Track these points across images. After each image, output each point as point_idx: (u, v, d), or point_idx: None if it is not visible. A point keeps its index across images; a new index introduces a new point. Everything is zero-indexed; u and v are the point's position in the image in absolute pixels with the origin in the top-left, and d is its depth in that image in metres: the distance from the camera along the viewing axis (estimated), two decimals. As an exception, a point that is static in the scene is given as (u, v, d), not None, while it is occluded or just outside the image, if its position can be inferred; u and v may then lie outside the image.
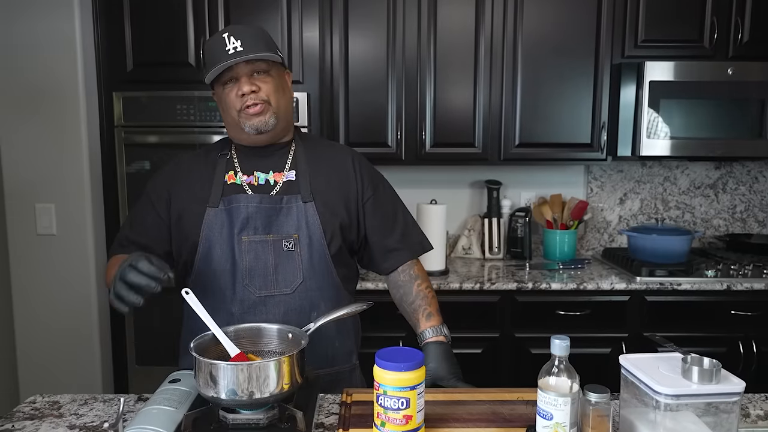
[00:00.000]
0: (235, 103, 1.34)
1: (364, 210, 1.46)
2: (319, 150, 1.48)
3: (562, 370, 0.99)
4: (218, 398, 1.03)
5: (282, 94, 1.39)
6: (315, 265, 1.37)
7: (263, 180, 1.40)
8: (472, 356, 2.42)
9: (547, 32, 2.57)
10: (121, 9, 2.46)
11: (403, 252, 1.49)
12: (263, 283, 1.35)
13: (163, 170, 1.49)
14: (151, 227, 1.42)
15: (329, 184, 1.42)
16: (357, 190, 1.45)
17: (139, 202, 1.47)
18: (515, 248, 2.85)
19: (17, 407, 1.27)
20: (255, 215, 1.35)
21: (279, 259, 1.35)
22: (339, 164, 1.46)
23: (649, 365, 1.04)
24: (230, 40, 1.30)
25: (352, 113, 2.60)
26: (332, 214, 1.39)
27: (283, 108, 1.39)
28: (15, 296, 2.51)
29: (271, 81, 1.35)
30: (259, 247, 1.35)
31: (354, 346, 1.50)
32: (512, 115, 2.62)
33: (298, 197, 1.38)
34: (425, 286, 1.47)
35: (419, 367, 1.02)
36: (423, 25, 2.56)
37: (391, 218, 1.50)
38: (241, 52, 1.30)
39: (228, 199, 1.36)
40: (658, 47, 2.58)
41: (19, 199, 2.45)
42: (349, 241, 1.45)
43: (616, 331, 2.41)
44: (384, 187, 1.52)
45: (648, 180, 2.99)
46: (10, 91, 2.41)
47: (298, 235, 1.36)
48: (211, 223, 1.36)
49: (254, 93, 1.33)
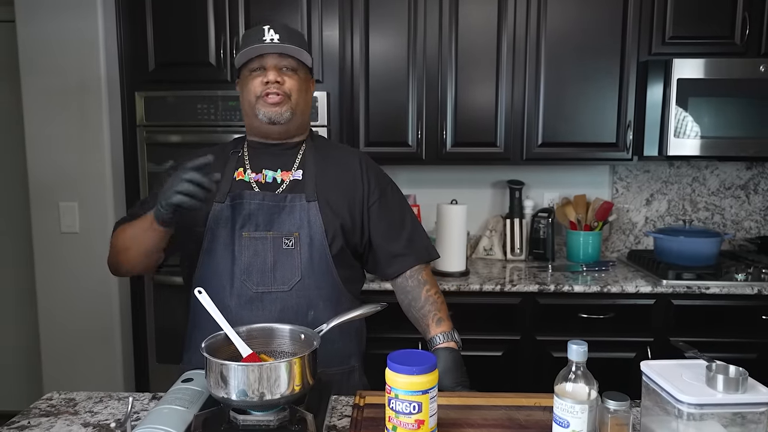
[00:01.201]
0: (256, 88, 1.38)
1: (369, 213, 1.46)
2: (328, 151, 1.50)
3: (579, 376, 0.96)
4: (229, 399, 1.02)
5: (303, 94, 1.43)
6: (315, 265, 1.38)
7: (271, 178, 1.42)
8: (492, 359, 2.38)
9: (571, 29, 2.52)
10: (144, 9, 2.48)
11: (409, 258, 1.48)
12: (261, 280, 1.36)
13: (176, 163, 1.49)
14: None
15: (335, 186, 1.44)
16: (363, 193, 1.46)
17: (152, 191, 1.52)
18: (537, 249, 2.81)
19: (34, 404, 1.28)
20: (257, 212, 1.37)
21: (278, 256, 1.37)
22: (347, 166, 1.48)
23: (671, 372, 1.00)
24: (269, 32, 1.36)
25: (372, 112, 2.59)
26: (335, 214, 1.40)
27: (301, 107, 1.43)
28: (39, 293, 2.55)
29: (297, 79, 1.40)
30: (258, 243, 1.37)
31: (356, 348, 1.49)
32: (535, 114, 2.58)
33: (302, 196, 1.39)
34: (434, 291, 1.46)
35: (432, 371, 1.00)
36: (444, 23, 2.54)
37: (397, 223, 1.49)
38: (278, 44, 1.36)
39: (234, 195, 1.39)
40: (686, 44, 2.51)
41: (44, 198, 2.49)
42: (352, 244, 1.45)
43: (640, 335, 2.35)
44: (392, 191, 1.52)
45: (676, 180, 2.92)
46: (34, 92, 2.45)
47: (299, 234, 1.37)
48: (216, 217, 1.38)
49: (278, 84, 1.37)
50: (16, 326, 3.13)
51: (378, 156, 2.09)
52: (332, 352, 1.41)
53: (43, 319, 2.56)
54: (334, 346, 1.42)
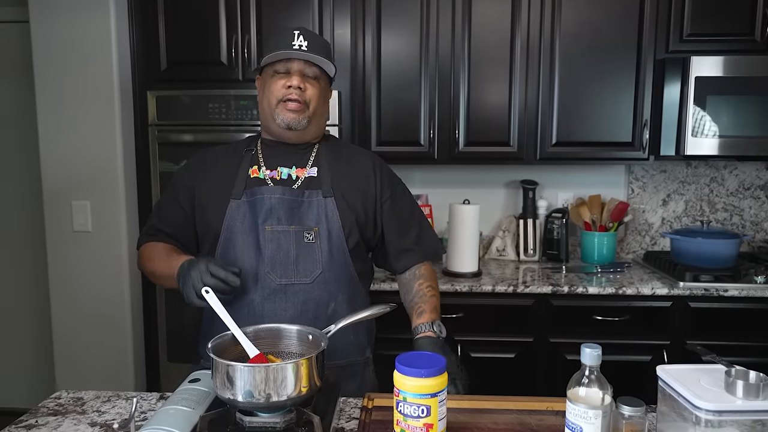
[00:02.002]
0: (278, 90, 1.41)
1: (382, 210, 1.50)
2: (341, 151, 1.54)
3: (593, 381, 0.93)
4: (235, 400, 1.01)
5: (322, 102, 1.47)
6: (334, 258, 1.41)
7: (286, 175, 1.45)
8: (505, 361, 2.35)
9: (586, 27, 2.49)
10: (156, 9, 2.48)
11: (416, 253, 1.53)
12: (284, 272, 1.38)
13: (188, 163, 1.56)
14: (176, 218, 1.49)
15: (349, 183, 1.47)
16: (376, 191, 1.50)
17: (164, 193, 1.55)
18: (551, 250, 2.77)
19: (42, 403, 1.28)
20: (278, 206, 1.39)
21: (300, 249, 1.39)
22: (360, 165, 1.52)
23: (689, 377, 0.98)
24: (298, 38, 1.39)
25: (384, 112, 2.57)
26: (350, 209, 1.44)
27: (318, 116, 1.47)
28: (52, 291, 2.56)
29: (318, 88, 1.43)
30: (281, 236, 1.39)
31: (368, 340, 1.53)
32: (549, 113, 2.54)
33: (318, 192, 1.42)
34: (427, 285, 1.50)
35: (441, 374, 0.98)
36: (457, 22, 2.52)
37: (407, 221, 1.54)
38: (305, 52, 1.39)
39: (251, 191, 1.41)
40: (704, 41, 2.46)
41: (57, 197, 2.50)
42: (366, 238, 1.49)
43: (657, 338, 2.31)
44: (402, 190, 1.57)
45: (693, 180, 2.86)
46: (48, 91, 2.47)
47: (318, 228, 1.40)
48: (233, 213, 1.40)
49: (300, 90, 1.40)
50: (29, 324, 3.16)
51: (390, 155, 2.09)
52: (350, 343, 1.45)
53: (55, 318, 2.58)
54: (352, 337, 1.45)
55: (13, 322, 3.18)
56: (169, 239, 1.48)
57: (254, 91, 2.49)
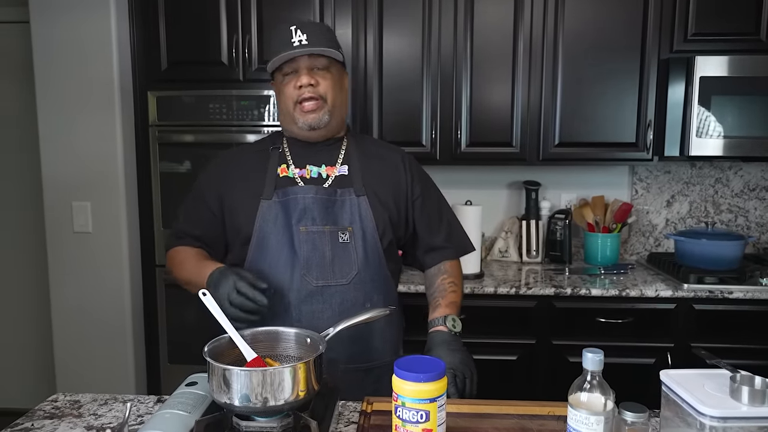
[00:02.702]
0: (292, 94, 1.37)
1: (413, 207, 1.48)
2: (370, 147, 1.51)
3: (594, 386, 0.91)
4: (231, 404, 1.00)
5: (339, 91, 1.42)
6: (369, 258, 1.39)
7: (315, 173, 1.42)
8: (507, 363, 2.34)
9: (589, 27, 2.47)
10: (156, 8, 2.48)
11: (447, 250, 1.52)
12: (321, 274, 1.36)
13: (214, 164, 1.51)
14: (204, 221, 1.45)
15: (380, 180, 1.44)
16: (406, 187, 1.47)
17: (190, 195, 1.50)
18: (554, 252, 2.75)
19: (39, 405, 1.27)
20: (312, 206, 1.37)
21: (335, 250, 1.37)
22: (390, 162, 1.49)
23: (693, 382, 0.96)
24: (296, 33, 1.34)
25: (385, 112, 2.56)
26: (383, 208, 1.42)
27: (338, 105, 1.42)
28: (52, 292, 2.56)
29: (330, 78, 1.38)
30: (316, 237, 1.37)
31: (399, 338, 1.51)
32: (552, 114, 2.53)
33: (351, 190, 1.40)
34: (449, 281, 1.48)
35: (440, 378, 0.96)
36: (459, 22, 2.50)
37: (437, 218, 1.52)
38: (305, 45, 1.34)
39: (283, 191, 1.38)
40: (709, 41, 2.44)
41: (57, 197, 2.50)
42: (398, 236, 1.47)
43: (661, 341, 2.29)
44: (432, 186, 1.56)
45: (698, 181, 2.84)
46: (48, 92, 2.46)
47: (352, 228, 1.38)
48: (265, 214, 1.37)
49: (312, 87, 1.36)
50: (30, 325, 3.15)
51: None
52: (385, 343, 1.44)
53: (56, 318, 2.57)
54: (386, 336, 1.43)
55: (13, 323, 3.17)
56: (197, 242, 1.45)
57: (255, 91, 2.48)
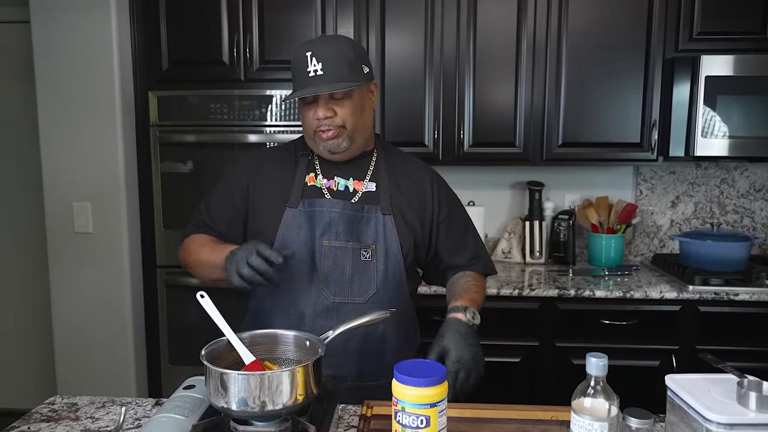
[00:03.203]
0: (310, 122, 1.35)
1: (438, 230, 1.46)
2: (399, 164, 1.48)
3: (598, 392, 0.89)
4: (229, 408, 0.99)
5: (360, 114, 1.36)
6: (389, 278, 1.37)
7: (343, 186, 1.40)
8: (510, 365, 2.32)
9: (593, 26, 2.45)
10: (157, 8, 2.47)
11: (472, 267, 1.50)
12: (338, 290, 1.35)
13: (245, 162, 1.49)
14: (226, 218, 1.43)
15: (408, 200, 1.42)
16: (433, 209, 1.45)
17: (217, 188, 1.48)
18: (558, 253, 2.73)
19: (36, 408, 1.27)
20: (337, 220, 1.35)
21: (356, 267, 1.35)
22: (418, 182, 1.46)
23: (699, 388, 0.94)
24: (312, 62, 1.29)
25: (388, 112, 2.54)
26: (409, 229, 1.40)
27: (360, 128, 1.37)
28: (53, 293, 2.55)
29: (350, 105, 1.33)
30: (338, 252, 1.35)
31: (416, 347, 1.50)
32: (556, 114, 2.51)
33: (377, 208, 1.38)
34: (473, 284, 1.44)
35: (441, 383, 0.95)
36: (462, 22, 2.48)
37: (463, 241, 1.50)
38: (321, 77, 1.28)
39: (309, 201, 1.37)
40: (715, 40, 2.41)
41: (57, 198, 2.49)
42: (419, 257, 1.46)
43: (665, 343, 2.27)
44: (459, 209, 1.53)
45: (703, 182, 2.82)
46: (49, 92, 2.46)
47: (375, 246, 1.36)
48: (289, 223, 1.36)
49: (329, 118, 1.32)
50: (31, 325, 3.14)
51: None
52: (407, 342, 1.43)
53: (56, 319, 2.56)
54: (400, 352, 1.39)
55: (14, 323, 3.17)
56: (218, 236, 1.42)
57: (256, 91, 2.47)
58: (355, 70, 1.32)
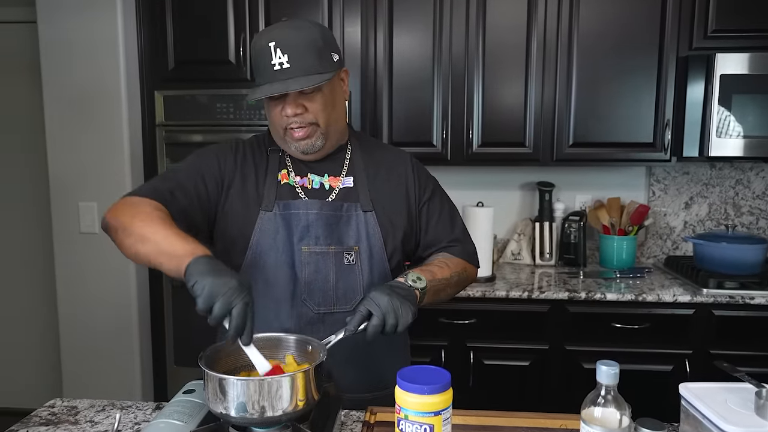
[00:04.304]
0: (278, 120, 1.23)
1: (419, 213, 1.36)
2: (376, 155, 1.37)
3: (609, 401, 0.86)
4: (227, 415, 0.96)
5: (333, 108, 1.25)
6: (375, 281, 1.26)
7: (317, 183, 1.30)
8: (519, 369, 2.28)
9: (605, 24, 2.41)
10: (163, 7, 2.46)
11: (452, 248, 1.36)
12: (323, 299, 1.25)
13: (220, 150, 1.31)
14: (193, 197, 1.24)
15: (389, 193, 1.32)
16: (414, 193, 1.35)
17: (187, 164, 1.29)
18: (568, 254, 2.69)
19: (35, 411, 1.25)
20: (315, 223, 1.25)
21: (340, 273, 1.26)
22: (397, 168, 1.36)
23: (715, 397, 0.90)
24: (276, 53, 1.16)
25: (395, 112, 2.51)
26: (393, 225, 1.30)
27: (333, 123, 1.26)
28: (59, 292, 2.55)
29: (321, 99, 1.21)
30: (320, 258, 1.25)
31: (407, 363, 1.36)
32: (566, 113, 2.47)
33: (357, 206, 1.28)
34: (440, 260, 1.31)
35: (446, 390, 0.92)
36: (471, 20, 2.45)
37: (447, 224, 1.39)
38: (287, 70, 1.16)
39: (284, 203, 1.26)
40: (730, 38, 2.37)
41: (64, 198, 2.49)
42: (406, 251, 1.36)
43: (678, 347, 2.22)
44: (441, 193, 1.42)
45: (717, 183, 2.76)
46: (55, 92, 2.45)
47: (358, 248, 1.27)
48: (264, 227, 1.25)
49: (299, 115, 1.21)
50: (37, 325, 3.14)
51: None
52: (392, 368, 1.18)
53: (63, 319, 2.56)
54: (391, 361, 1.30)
55: (20, 323, 3.17)
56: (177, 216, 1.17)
57: (263, 91, 2.45)
58: (325, 60, 1.19)
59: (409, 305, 1.10)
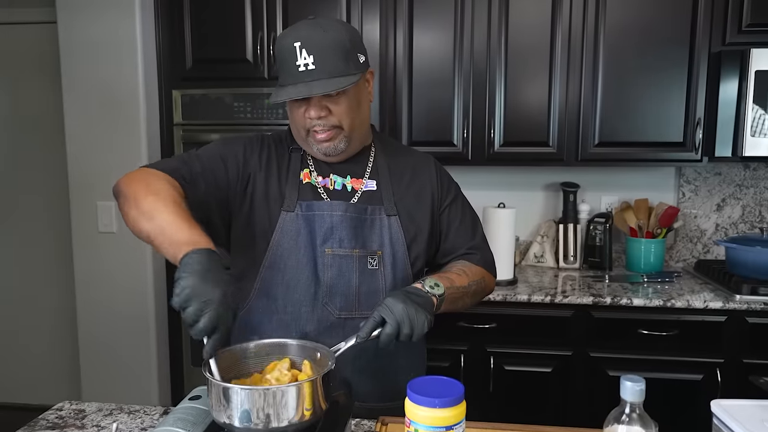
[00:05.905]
0: (300, 121, 1.20)
1: (440, 217, 1.34)
2: (400, 158, 1.35)
3: (634, 419, 0.80)
4: (231, 424, 0.92)
5: (357, 111, 1.22)
6: (398, 287, 1.23)
7: (340, 185, 1.27)
8: (541, 375, 2.22)
9: (633, 18, 2.33)
10: (181, 7, 2.46)
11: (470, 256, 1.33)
12: (344, 304, 1.22)
13: (250, 140, 1.29)
14: (211, 184, 1.20)
15: (413, 198, 1.30)
16: (436, 196, 1.33)
17: (210, 150, 1.25)
18: (593, 257, 2.61)
19: (42, 415, 1.24)
20: (340, 225, 1.22)
21: (363, 277, 1.23)
22: (420, 171, 1.34)
23: (750, 416, 0.84)
24: (302, 54, 1.13)
25: (415, 111, 2.47)
26: (417, 230, 1.28)
27: (357, 126, 1.24)
28: (78, 291, 2.57)
29: (345, 101, 1.19)
30: (343, 262, 1.22)
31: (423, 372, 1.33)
32: (592, 112, 2.39)
33: (381, 209, 1.26)
34: (458, 267, 1.28)
35: (458, 404, 0.87)
36: (493, 17, 2.39)
37: (469, 229, 1.36)
38: (312, 71, 1.13)
39: (307, 204, 1.23)
40: (766, 32, 2.27)
41: (83, 197, 2.51)
42: (430, 256, 1.34)
43: (709, 355, 2.13)
44: (463, 198, 1.39)
45: (752, 184, 2.65)
46: (75, 91, 2.47)
47: (381, 252, 1.24)
48: (285, 228, 1.22)
49: (323, 118, 1.18)
50: (56, 323, 3.17)
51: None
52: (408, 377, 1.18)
53: (81, 317, 2.58)
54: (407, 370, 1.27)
55: (40, 322, 3.20)
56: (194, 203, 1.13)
57: (280, 90, 2.42)
58: (351, 62, 1.17)
59: (424, 313, 1.06)
